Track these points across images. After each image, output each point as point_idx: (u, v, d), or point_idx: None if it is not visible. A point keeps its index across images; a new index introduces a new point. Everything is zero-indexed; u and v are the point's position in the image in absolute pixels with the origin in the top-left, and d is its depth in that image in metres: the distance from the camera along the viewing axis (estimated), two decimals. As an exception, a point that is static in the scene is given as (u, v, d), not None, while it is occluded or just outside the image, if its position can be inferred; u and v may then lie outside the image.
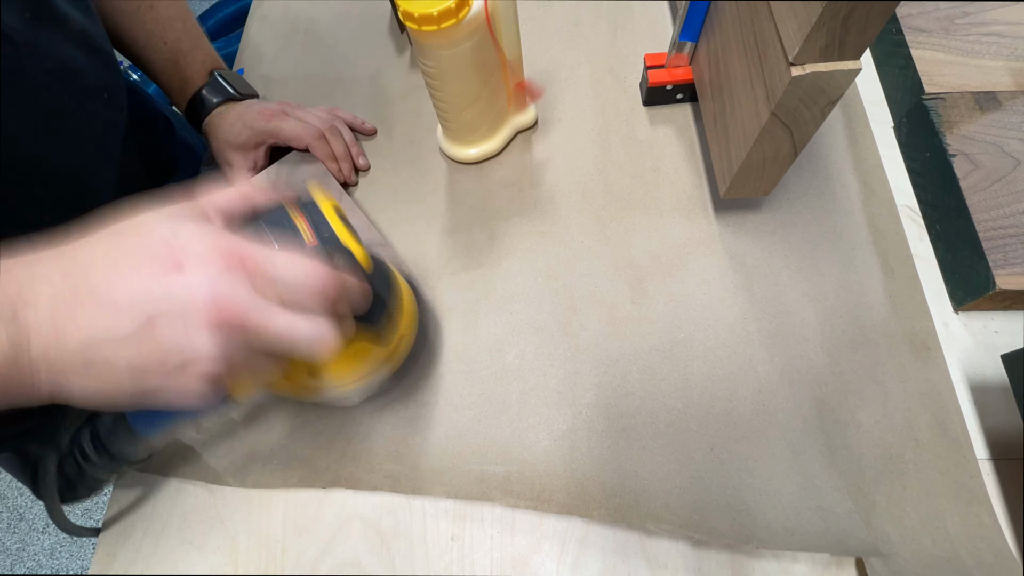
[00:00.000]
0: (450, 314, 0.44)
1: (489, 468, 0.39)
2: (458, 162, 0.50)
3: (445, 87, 0.43)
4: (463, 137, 0.48)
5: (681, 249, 0.44)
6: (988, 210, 0.39)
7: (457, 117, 0.46)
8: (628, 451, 0.38)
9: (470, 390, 0.41)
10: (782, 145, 0.35)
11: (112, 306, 0.23)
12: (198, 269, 0.24)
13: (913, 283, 0.41)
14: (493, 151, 0.49)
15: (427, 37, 0.38)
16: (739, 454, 0.37)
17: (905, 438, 0.37)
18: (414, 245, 0.47)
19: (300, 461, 0.40)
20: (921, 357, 0.39)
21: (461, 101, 0.44)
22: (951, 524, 0.34)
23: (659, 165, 0.48)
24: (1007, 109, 0.43)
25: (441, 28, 0.36)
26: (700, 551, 0.36)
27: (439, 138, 0.50)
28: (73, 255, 0.24)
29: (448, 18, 0.36)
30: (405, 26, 0.39)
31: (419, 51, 0.40)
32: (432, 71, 0.41)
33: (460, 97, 0.44)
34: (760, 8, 0.32)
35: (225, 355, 0.24)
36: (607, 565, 0.36)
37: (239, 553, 0.39)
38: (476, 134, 0.48)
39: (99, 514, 1.22)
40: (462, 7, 0.36)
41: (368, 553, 0.38)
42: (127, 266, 0.24)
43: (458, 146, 0.49)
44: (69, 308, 0.23)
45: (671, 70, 0.48)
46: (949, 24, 0.47)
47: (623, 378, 0.40)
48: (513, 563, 0.37)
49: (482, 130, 0.48)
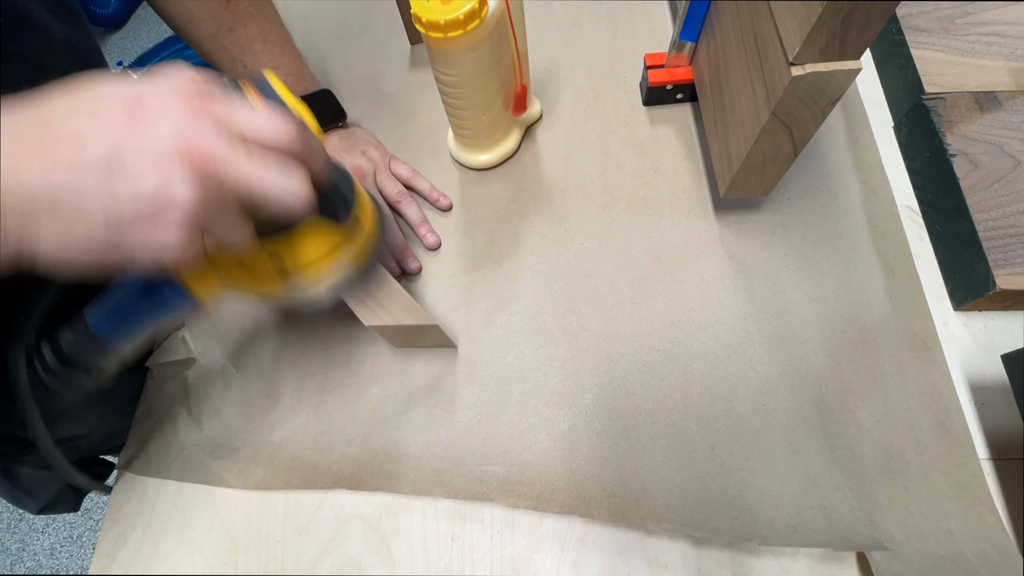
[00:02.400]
0: (450, 315, 0.44)
1: (489, 468, 0.39)
2: (475, 169, 0.50)
3: (467, 93, 0.42)
4: (481, 143, 0.48)
5: (681, 249, 0.44)
6: (988, 210, 0.39)
7: (477, 122, 0.45)
8: (628, 451, 0.38)
9: (470, 391, 0.41)
10: (782, 145, 0.35)
11: (71, 136, 0.22)
12: (165, 115, 0.23)
13: (913, 283, 0.41)
14: (510, 151, 0.49)
15: (451, 43, 0.37)
16: (740, 454, 0.37)
17: (906, 438, 0.37)
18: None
19: (301, 462, 0.40)
20: (921, 357, 0.39)
21: (481, 105, 0.44)
22: (955, 524, 0.34)
23: (659, 165, 0.48)
24: (1007, 109, 0.43)
25: (467, 31, 0.36)
26: (700, 551, 0.36)
27: (451, 148, 0.50)
28: (33, 108, 0.23)
29: (472, 20, 0.36)
30: (421, 36, 0.38)
31: (440, 60, 0.40)
32: (453, 79, 0.41)
33: (481, 101, 0.43)
34: (760, 8, 0.32)
35: (200, 189, 0.23)
36: (607, 565, 0.36)
37: (239, 553, 0.39)
38: (494, 137, 0.48)
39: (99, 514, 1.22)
40: (483, 6, 0.36)
41: (368, 553, 0.38)
42: (90, 113, 0.23)
43: (475, 152, 0.49)
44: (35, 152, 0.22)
45: (671, 70, 0.48)
46: (949, 24, 0.47)
47: (623, 378, 0.40)
48: (513, 563, 0.37)
49: (500, 131, 0.48)
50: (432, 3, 0.36)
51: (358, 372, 0.43)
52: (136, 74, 0.26)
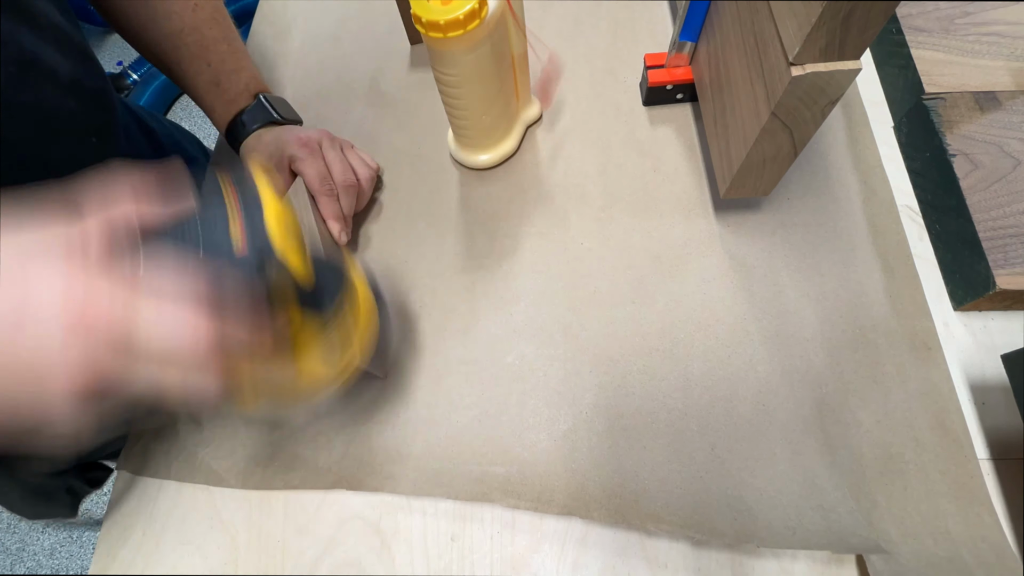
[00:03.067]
0: (450, 315, 0.44)
1: (489, 469, 0.39)
2: (475, 169, 0.50)
3: (467, 93, 0.42)
4: (481, 143, 0.48)
5: (681, 249, 0.44)
6: (988, 210, 0.39)
7: (477, 122, 0.45)
8: (628, 451, 0.38)
9: (470, 391, 0.41)
10: (782, 145, 0.35)
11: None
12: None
13: (913, 283, 0.41)
14: (510, 151, 0.49)
15: (452, 44, 0.37)
16: (739, 454, 0.37)
17: (905, 438, 0.37)
18: (413, 247, 0.47)
19: (301, 462, 0.40)
20: (921, 357, 0.39)
21: (482, 105, 0.44)
22: (952, 524, 0.34)
23: (659, 165, 0.48)
24: (1007, 109, 0.43)
25: (467, 31, 0.36)
26: (700, 551, 0.36)
27: (451, 148, 0.50)
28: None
29: (472, 20, 0.36)
30: (421, 37, 0.38)
31: (440, 61, 0.39)
32: (453, 79, 0.41)
33: (481, 101, 0.43)
34: (760, 8, 0.32)
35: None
36: (607, 565, 0.36)
37: (239, 553, 0.39)
38: (493, 137, 0.48)
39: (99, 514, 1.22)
40: (483, 6, 0.36)
41: (368, 553, 0.38)
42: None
43: (475, 152, 0.48)
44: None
45: (671, 70, 0.48)
46: (949, 24, 0.47)
47: (623, 378, 0.40)
48: (513, 563, 0.37)
49: (500, 131, 0.48)
50: (432, 3, 0.36)
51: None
52: (136, 75, 0.25)
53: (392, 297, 0.45)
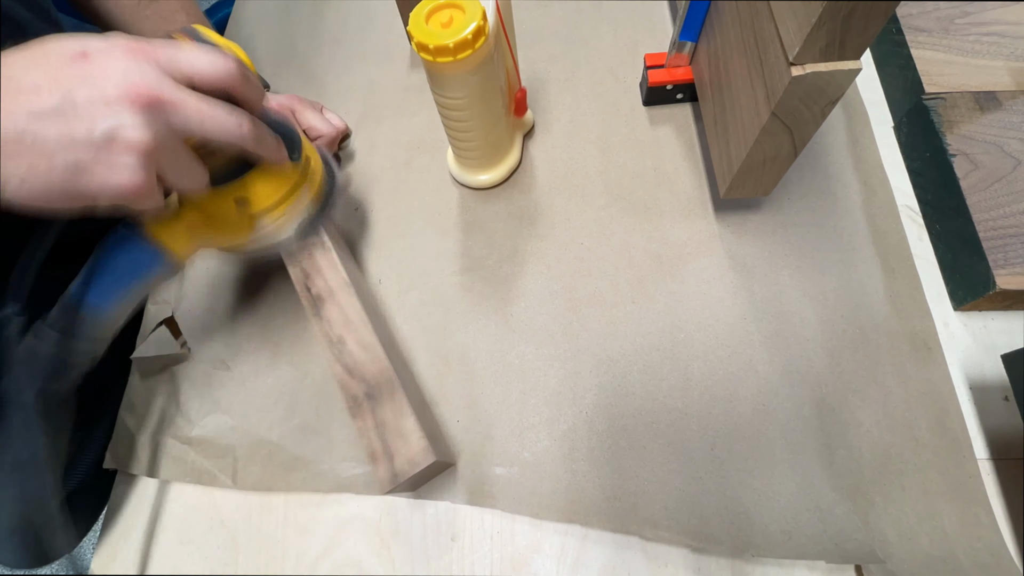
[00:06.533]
0: (450, 315, 0.44)
1: (489, 468, 0.39)
2: (481, 189, 0.49)
3: (476, 113, 0.41)
4: (487, 161, 0.47)
5: (681, 249, 0.44)
6: (988, 210, 0.39)
7: (484, 140, 0.44)
8: (628, 451, 0.38)
9: (470, 390, 0.41)
10: (782, 145, 0.35)
11: (31, 87, 0.25)
12: (111, 63, 0.26)
13: (913, 283, 0.41)
14: (515, 164, 0.48)
15: (460, 66, 0.36)
16: (739, 454, 0.37)
17: (905, 438, 0.37)
18: (413, 247, 0.47)
19: (301, 463, 0.40)
20: (921, 357, 0.39)
21: (488, 122, 0.42)
22: (948, 524, 0.34)
23: (659, 165, 0.48)
24: (1007, 109, 0.43)
25: (475, 49, 0.35)
26: (700, 551, 0.36)
27: (455, 172, 0.48)
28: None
29: (479, 37, 0.35)
30: (425, 65, 0.37)
31: (446, 85, 0.38)
32: (461, 101, 0.39)
33: (490, 117, 0.42)
34: (760, 8, 0.32)
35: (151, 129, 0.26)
36: (607, 565, 0.36)
37: (239, 553, 0.39)
38: (501, 150, 0.47)
39: (99, 514, 1.21)
40: (485, 20, 0.36)
41: (368, 553, 0.38)
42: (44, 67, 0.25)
43: (481, 172, 0.47)
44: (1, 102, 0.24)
45: (671, 70, 0.48)
46: (949, 24, 0.47)
47: (623, 378, 0.40)
48: (513, 563, 0.37)
49: (504, 145, 0.47)
50: (432, 28, 0.35)
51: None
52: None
53: (392, 297, 0.45)
